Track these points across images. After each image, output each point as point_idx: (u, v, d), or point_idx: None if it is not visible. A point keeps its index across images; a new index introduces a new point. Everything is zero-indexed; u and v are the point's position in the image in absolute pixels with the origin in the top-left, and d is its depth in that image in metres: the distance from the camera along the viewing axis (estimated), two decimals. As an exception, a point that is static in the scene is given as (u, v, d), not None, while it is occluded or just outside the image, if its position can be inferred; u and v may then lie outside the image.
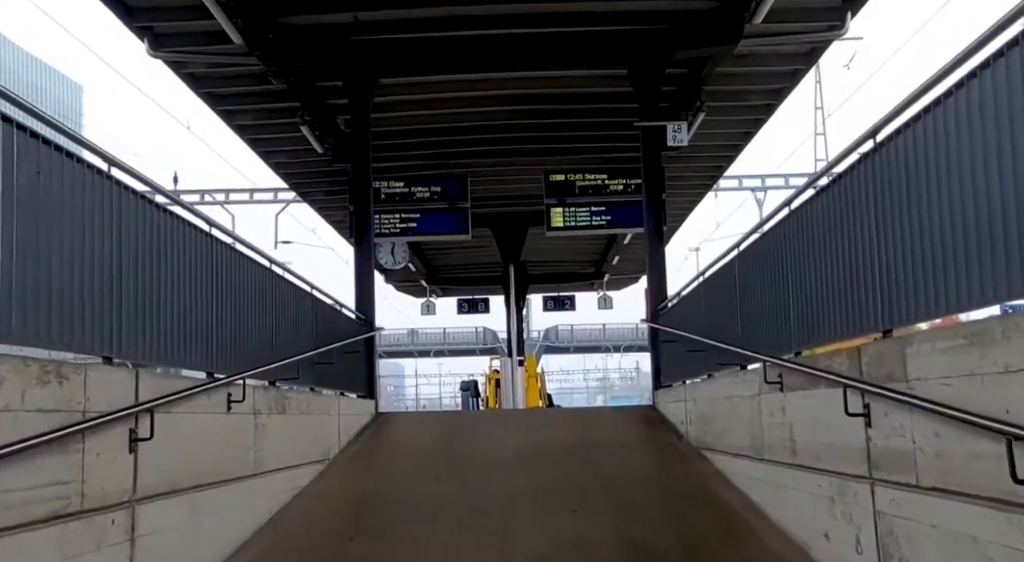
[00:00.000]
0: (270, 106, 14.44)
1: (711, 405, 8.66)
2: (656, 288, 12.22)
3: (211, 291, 6.41)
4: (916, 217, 4.48)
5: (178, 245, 5.89)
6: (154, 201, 5.56)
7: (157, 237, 5.57)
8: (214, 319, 6.41)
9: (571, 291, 28.58)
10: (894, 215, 4.71)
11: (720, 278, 8.70)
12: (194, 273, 6.12)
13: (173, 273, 5.78)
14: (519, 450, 9.21)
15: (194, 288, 6.10)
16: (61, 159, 4.49)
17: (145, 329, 5.30)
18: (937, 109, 4.27)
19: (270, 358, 7.55)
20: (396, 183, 15.69)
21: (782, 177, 25.96)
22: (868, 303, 5.05)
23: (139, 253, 5.29)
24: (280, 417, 7.52)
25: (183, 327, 5.87)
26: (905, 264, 4.59)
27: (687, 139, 12.43)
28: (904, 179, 4.60)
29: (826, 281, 5.68)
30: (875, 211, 4.95)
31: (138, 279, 5.26)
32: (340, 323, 10.48)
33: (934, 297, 4.31)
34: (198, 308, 6.13)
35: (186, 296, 5.96)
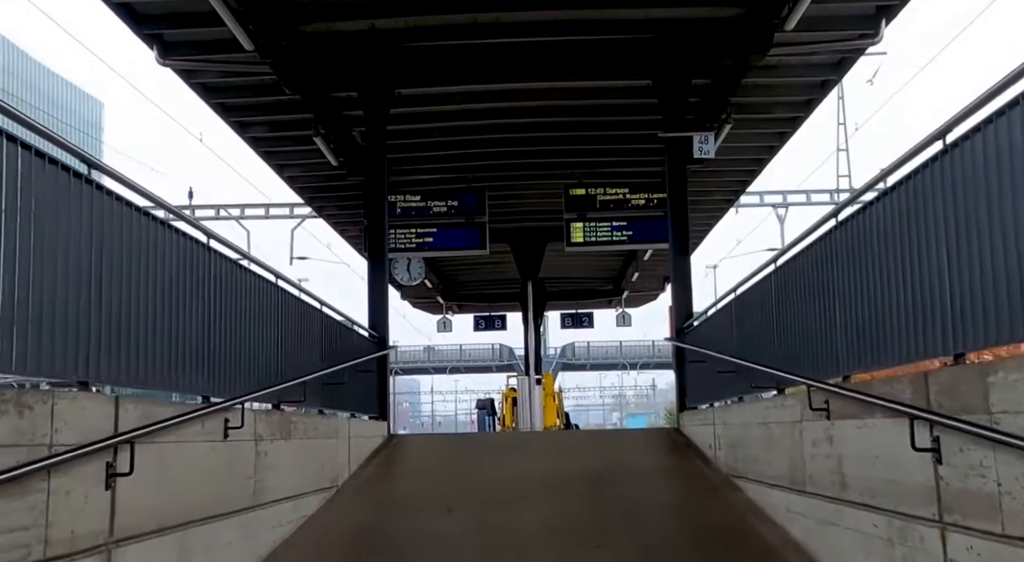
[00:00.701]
0: (283, 118, 14.01)
1: (743, 430, 8.04)
2: (681, 305, 11.61)
3: (209, 308, 5.89)
4: (998, 223, 3.89)
5: (171, 257, 5.38)
6: (142, 208, 5.04)
7: (146, 247, 5.05)
8: (212, 338, 5.89)
9: (589, 308, 27.94)
10: (969, 222, 4.12)
11: (753, 295, 8.10)
12: (189, 288, 5.61)
13: (165, 288, 5.26)
14: (537, 478, 8.60)
15: (189, 304, 5.59)
16: (30, 158, 3.98)
17: (130, 350, 4.78)
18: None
19: (274, 379, 7.02)
20: (412, 197, 15.23)
21: (804, 193, 25.21)
22: (934, 323, 4.45)
23: (124, 264, 4.78)
24: (284, 443, 6.97)
25: (176, 347, 5.35)
26: (983, 279, 3.99)
27: (714, 151, 11.85)
28: (984, 181, 4.01)
29: (883, 298, 5.08)
30: (944, 218, 4.36)
31: (123, 294, 4.74)
32: (351, 341, 9.94)
33: (1021, 318, 3.71)
34: (193, 326, 5.61)
35: (180, 313, 5.44)
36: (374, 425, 10.56)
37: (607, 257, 22.74)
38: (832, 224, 5.97)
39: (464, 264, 23.01)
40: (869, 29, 11.38)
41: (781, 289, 7.20)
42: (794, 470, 6.45)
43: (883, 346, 5.10)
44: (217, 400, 5.75)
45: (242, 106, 13.79)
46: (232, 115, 13.98)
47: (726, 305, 9.14)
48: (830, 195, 25.01)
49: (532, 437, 11.53)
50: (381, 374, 11.19)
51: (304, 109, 13.25)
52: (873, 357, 5.28)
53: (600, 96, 13.82)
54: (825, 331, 6.10)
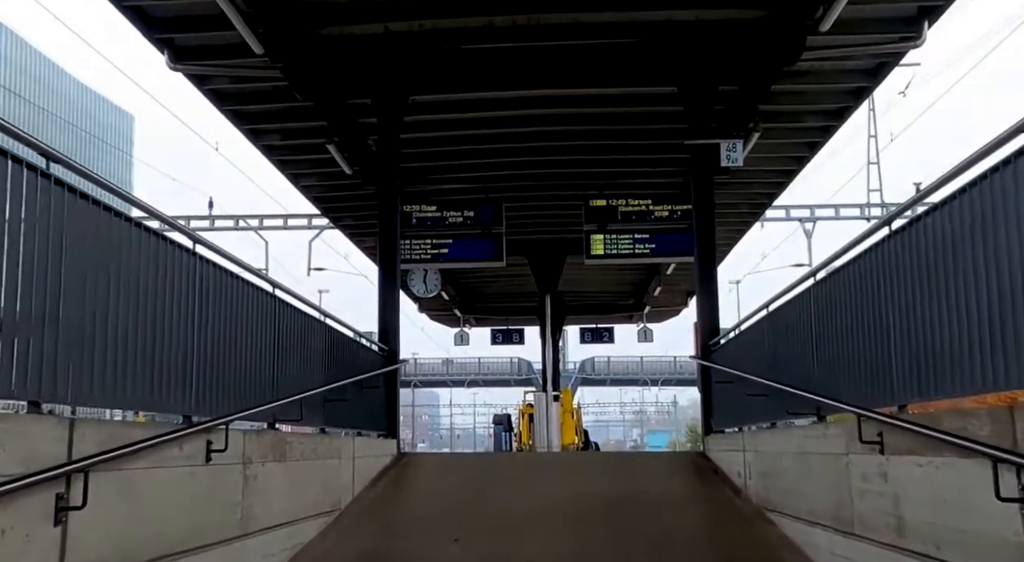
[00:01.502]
0: (297, 125, 13.53)
1: (777, 459, 7.33)
2: (707, 322, 10.92)
3: (193, 319, 5.31)
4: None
5: (148, 262, 4.81)
6: (113, 208, 4.47)
7: (116, 250, 4.48)
8: (196, 352, 5.31)
9: (609, 323, 27.21)
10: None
11: (789, 311, 7.42)
12: (170, 297, 5.03)
13: (140, 296, 4.68)
14: (553, 505, 7.93)
15: (170, 315, 5.01)
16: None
17: (94, 365, 4.20)
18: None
19: (268, 397, 6.43)
20: (428, 207, 14.65)
21: (832, 208, 24.46)
22: (1019, 345, 3.77)
23: (89, 269, 4.21)
24: (278, 465, 6.37)
25: (152, 363, 4.77)
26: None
27: (742, 159, 11.18)
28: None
29: (953, 316, 4.40)
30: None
31: (86, 302, 4.17)
32: (358, 355, 9.35)
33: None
34: (174, 339, 5.03)
35: (158, 325, 4.86)
36: (382, 444, 9.95)
37: (628, 271, 22.07)
38: (885, 233, 5.29)
39: (481, 276, 22.43)
40: (910, 31, 10.71)
41: (822, 305, 6.52)
42: (839, 507, 5.75)
43: (951, 372, 4.41)
44: (201, 420, 5.16)
45: (255, 113, 13.32)
46: (245, 122, 13.52)
47: (757, 322, 8.46)
48: (860, 210, 24.26)
49: (549, 459, 10.85)
50: (390, 389, 10.58)
51: (318, 116, 12.75)
52: (938, 385, 4.59)
53: (622, 104, 13.21)
54: (876, 353, 5.42)
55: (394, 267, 11.70)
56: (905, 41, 10.77)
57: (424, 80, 11.86)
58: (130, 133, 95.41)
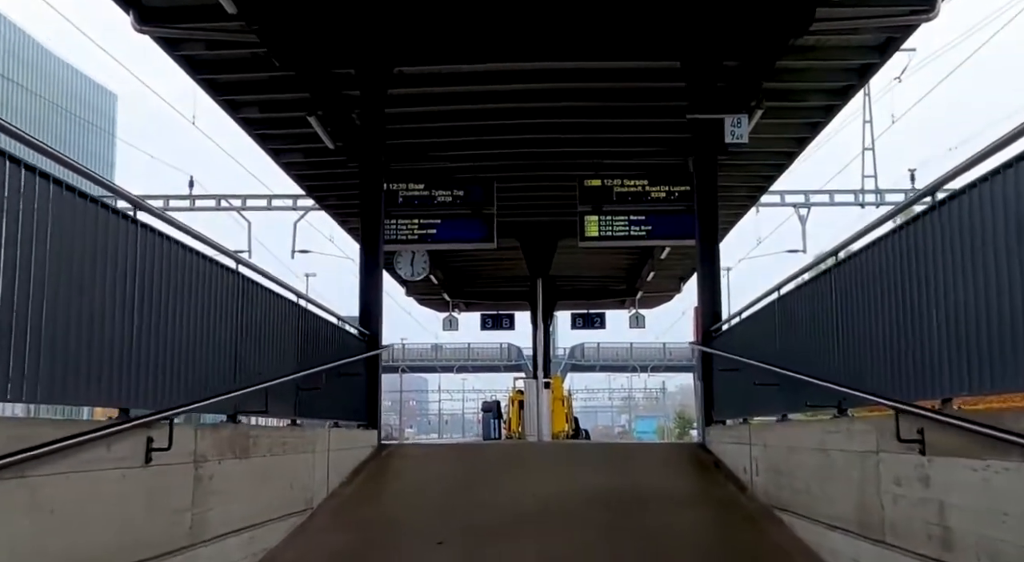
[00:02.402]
0: (278, 97, 12.73)
1: (789, 454, 6.65)
2: (708, 306, 10.23)
3: (133, 297, 4.56)
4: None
5: (69, 223, 4.06)
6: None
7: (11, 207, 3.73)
8: (134, 334, 4.57)
9: (601, 308, 26.50)
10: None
11: (804, 295, 6.73)
12: (101, 270, 4.29)
13: (60, 269, 3.94)
14: (544, 503, 7.25)
15: (101, 292, 4.27)
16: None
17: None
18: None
19: (228, 386, 5.71)
20: (415, 186, 13.82)
21: (827, 194, 23.76)
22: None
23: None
24: (239, 462, 5.64)
25: (80, 347, 4.03)
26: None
27: (747, 135, 10.46)
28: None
29: (1018, 297, 3.70)
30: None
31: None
32: (336, 340, 8.62)
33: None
34: (103, 318, 4.29)
35: (86, 304, 4.12)
36: (362, 435, 9.24)
37: (621, 255, 21.38)
38: (927, 204, 4.59)
39: (471, 259, 21.67)
40: (922, 4, 10.01)
41: (845, 287, 5.82)
42: (865, 512, 5.07)
43: (1013, 362, 3.72)
44: (138, 413, 4.43)
45: (232, 83, 12.50)
46: (221, 93, 12.69)
47: (766, 307, 7.77)
48: (855, 195, 23.53)
49: (539, 450, 10.17)
50: (371, 377, 9.86)
51: (299, 87, 11.97)
52: (994, 377, 3.90)
53: (621, 79, 12.46)
54: (912, 339, 4.73)
55: (376, 247, 10.97)
56: (917, 13, 10.08)
57: (411, 50, 11.09)
58: (113, 112, 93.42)
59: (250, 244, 23.95)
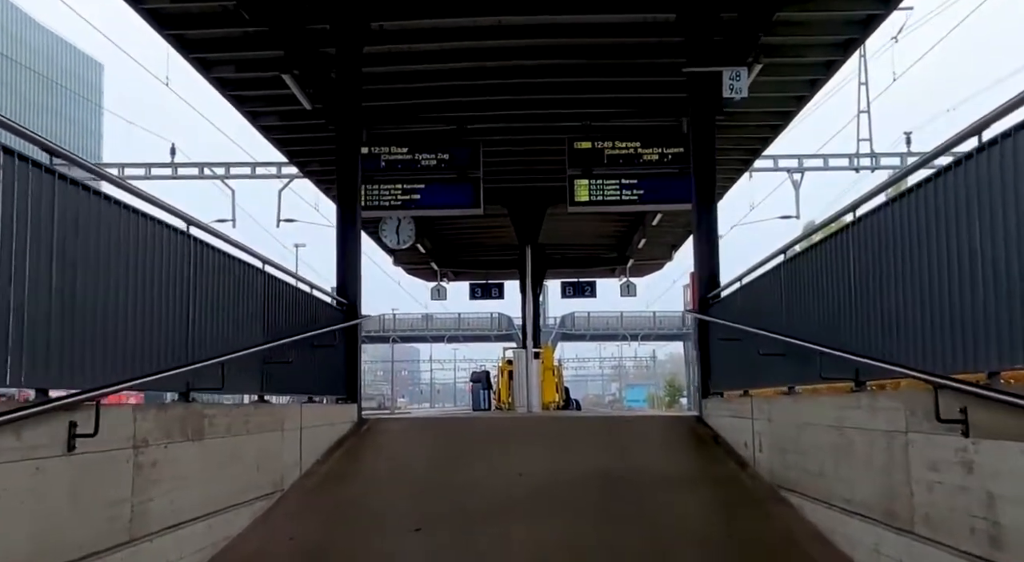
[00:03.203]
0: (252, 55, 11.89)
1: (799, 431, 6.06)
2: (705, 272, 9.59)
3: (46, 256, 3.88)
4: None
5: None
6: None
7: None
8: (52, 301, 3.89)
9: (592, 276, 25.84)
10: None
11: (816, 256, 6.09)
12: (7, 226, 3.60)
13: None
14: (532, 483, 6.67)
15: (4, 251, 3.59)
16: None
17: None
18: None
19: (178, 359, 5.05)
20: (398, 149, 13.06)
21: (821, 158, 23.10)
22: None
23: None
24: (192, 445, 5.00)
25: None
26: None
27: (747, 88, 9.75)
28: None
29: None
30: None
31: None
32: (309, 310, 7.94)
33: None
34: (13, 284, 3.62)
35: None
36: (339, 410, 8.61)
37: (612, 222, 20.71)
38: (973, 145, 3.93)
39: (459, 227, 20.95)
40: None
41: (865, 247, 5.18)
42: (890, 498, 4.48)
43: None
44: (59, 395, 3.77)
45: (203, 40, 11.65)
46: (192, 51, 11.84)
47: (771, 271, 7.14)
48: (849, 160, 22.89)
49: (529, 424, 9.59)
50: (350, 349, 9.21)
51: (273, 45, 11.17)
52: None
53: (612, 34, 11.67)
54: (949, 303, 4.10)
55: (354, 213, 10.28)
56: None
57: (388, 3, 10.30)
58: (99, 82, 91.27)
59: (234, 213, 23.19)
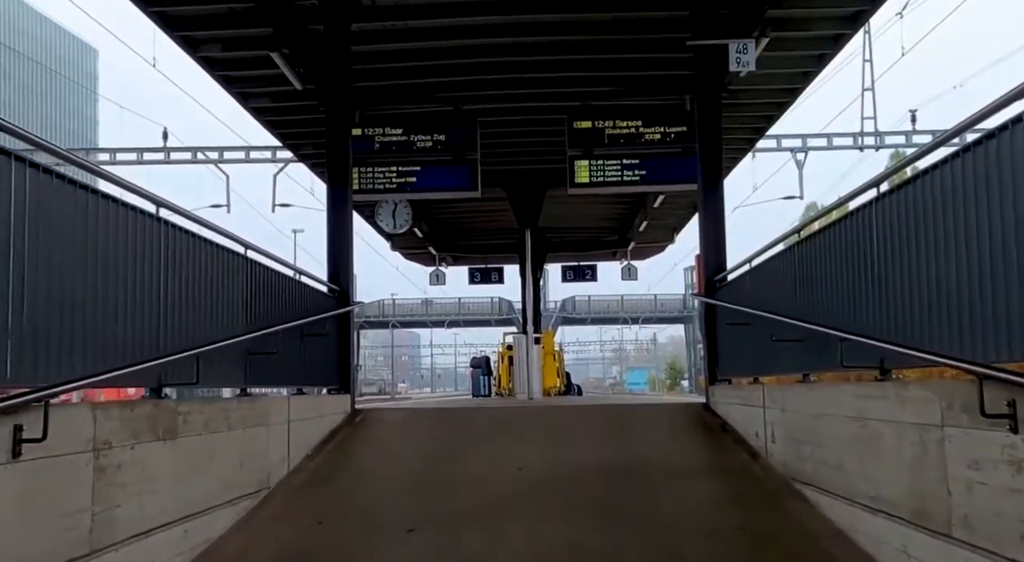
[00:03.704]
0: (240, 33, 11.40)
1: (815, 422, 5.66)
2: (712, 254, 9.16)
3: None
4: None
5: None
6: None
7: None
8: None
9: (593, 260, 25.39)
10: None
11: (834, 236, 5.67)
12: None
13: None
14: (532, 477, 6.29)
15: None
16: None
17: None
18: None
19: (150, 352, 4.65)
20: (393, 130, 12.63)
21: (825, 137, 22.62)
22: None
23: None
24: (164, 445, 4.60)
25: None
26: None
27: (754, 61, 9.29)
28: None
29: None
30: None
31: None
32: (298, 297, 7.53)
33: None
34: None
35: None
36: (331, 401, 8.21)
37: (613, 204, 20.24)
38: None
39: (457, 211, 20.48)
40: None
41: (894, 226, 4.75)
42: (923, 498, 4.09)
43: None
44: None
45: (187, 17, 11.14)
46: (176, 28, 11.34)
47: (783, 252, 6.72)
48: (854, 139, 22.41)
49: (528, 412, 9.21)
50: (343, 337, 8.81)
51: (261, 22, 10.72)
52: None
53: (612, 7, 11.17)
54: (990, 284, 3.69)
55: (345, 196, 9.86)
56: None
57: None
58: (94, 68, 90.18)
59: (229, 198, 22.79)
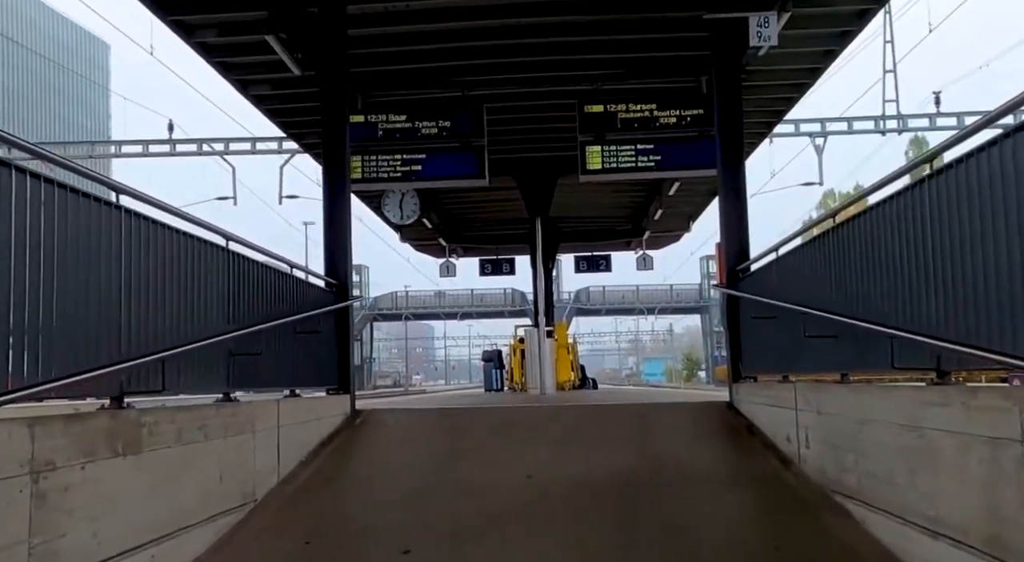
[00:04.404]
0: (236, 17, 10.83)
1: (859, 428, 5.02)
2: (734, 243, 8.50)
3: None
4: None
5: None
6: None
7: None
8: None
9: (606, 250, 24.70)
10: None
11: (877, 219, 5.03)
12: None
13: None
14: (542, 489, 5.69)
15: None
16: None
17: None
18: None
19: (109, 356, 4.08)
20: (397, 117, 12.09)
21: (845, 121, 21.84)
22: None
23: None
24: (124, 461, 4.04)
25: None
26: None
27: (776, 35, 8.61)
28: None
29: None
30: None
31: None
32: (290, 292, 6.95)
33: None
34: None
35: None
36: (329, 402, 7.64)
37: (626, 192, 19.55)
38: None
39: (466, 201, 19.88)
40: None
41: (953, 205, 4.11)
42: (999, 524, 3.46)
43: None
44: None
45: (180, 1, 10.61)
46: (168, 12, 10.76)
47: (815, 239, 6.07)
48: (875, 122, 21.61)
49: (541, 414, 8.60)
50: (341, 334, 8.23)
51: (257, 5, 10.15)
52: None
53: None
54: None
55: (343, 184, 9.25)
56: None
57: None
58: (106, 63, 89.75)
59: (235, 189, 22.31)
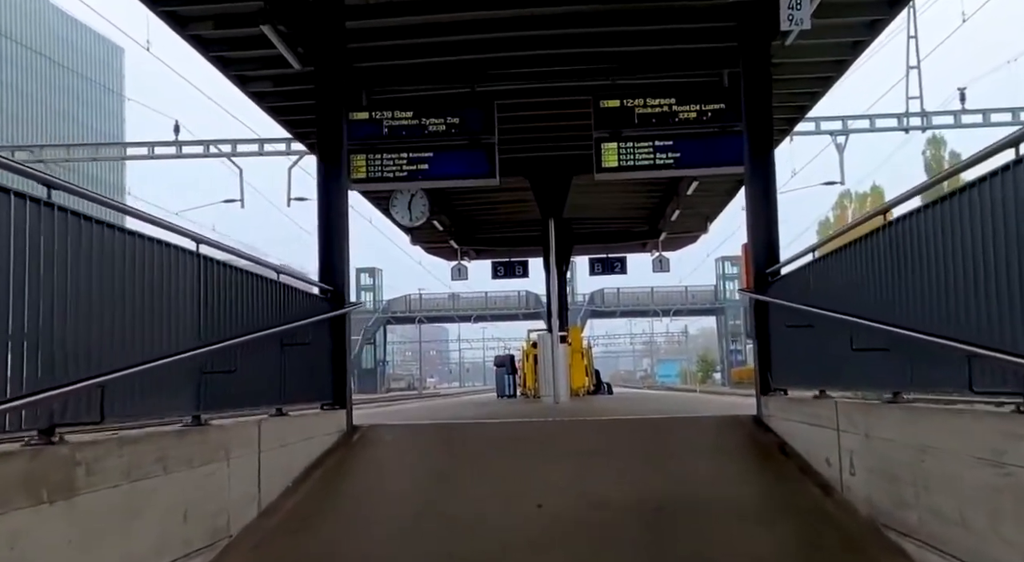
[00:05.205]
0: (232, 8, 10.24)
1: (919, 457, 4.27)
2: (762, 245, 7.75)
3: None
4: None
5: None
6: None
7: None
8: None
9: (621, 252, 23.94)
10: None
11: (946, 216, 4.28)
12: None
13: None
14: (556, 520, 4.99)
15: None
16: None
17: None
18: None
19: (39, 383, 3.42)
20: (403, 113, 11.37)
21: (867, 119, 20.99)
22: None
23: None
24: (51, 509, 3.36)
25: None
26: None
27: (808, 18, 7.86)
28: None
29: None
30: None
31: None
32: (275, 301, 6.26)
33: None
34: None
35: None
36: (321, 420, 6.95)
37: (643, 192, 18.77)
38: None
39: (477, 202, 19.19)
40: None
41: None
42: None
43: None
44: None
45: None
46: (163, 5, 10.20)
47: (859, 240, 5.33)
48: (898, 120, 20.75)
49: (552, 430, 7.86)
50: (337, 344, 7.54)
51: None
52: None
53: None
54: None
55: (339, 179, 8.59)
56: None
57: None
58: (120, 67, 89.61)
59: (242, 192, 21.76)
